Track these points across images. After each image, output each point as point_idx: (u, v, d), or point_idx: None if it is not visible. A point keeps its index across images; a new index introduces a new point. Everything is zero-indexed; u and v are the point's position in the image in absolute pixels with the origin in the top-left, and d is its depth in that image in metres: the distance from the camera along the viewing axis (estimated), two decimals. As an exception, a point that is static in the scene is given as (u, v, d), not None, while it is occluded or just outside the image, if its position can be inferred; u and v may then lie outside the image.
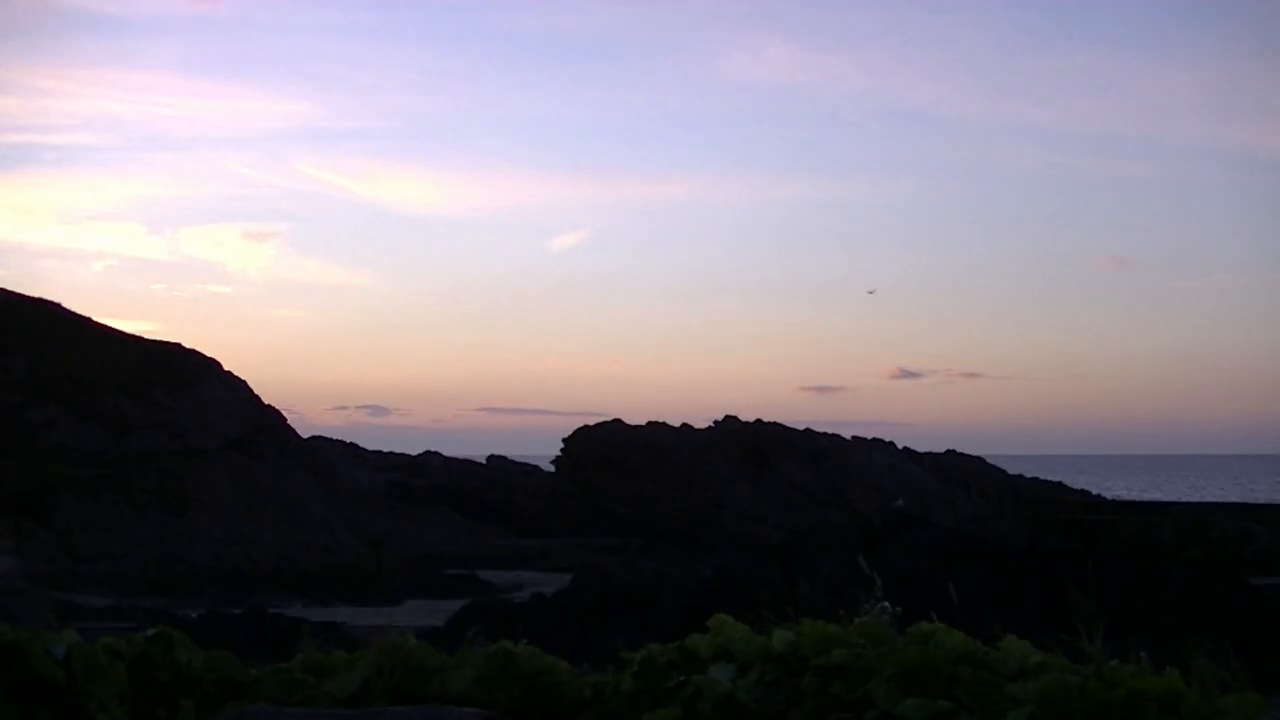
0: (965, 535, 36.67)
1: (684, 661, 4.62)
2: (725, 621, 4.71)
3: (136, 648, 4.65)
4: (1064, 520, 61.23)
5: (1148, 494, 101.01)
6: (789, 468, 69.51)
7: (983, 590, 27.42)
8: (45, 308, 68.39)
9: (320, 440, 78.47)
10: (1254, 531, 53.47)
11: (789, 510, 64.71)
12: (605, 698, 4.64)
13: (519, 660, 4.69)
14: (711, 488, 66.74)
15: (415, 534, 58.73)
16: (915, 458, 76.75)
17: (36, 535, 48.68)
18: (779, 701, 4.30)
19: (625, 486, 67.36)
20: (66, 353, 62.38)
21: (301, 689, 4.65)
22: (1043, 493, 77.80)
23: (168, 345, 67.49)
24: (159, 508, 52.50)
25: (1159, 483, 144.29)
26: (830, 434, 74.84)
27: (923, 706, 4.04)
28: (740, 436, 71.51)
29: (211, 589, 45.04)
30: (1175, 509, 63.02)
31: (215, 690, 4.63)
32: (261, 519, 53.57)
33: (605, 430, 71.04)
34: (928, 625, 4.48)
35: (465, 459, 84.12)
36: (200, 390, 63.02)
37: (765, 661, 4.46)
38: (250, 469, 57.26)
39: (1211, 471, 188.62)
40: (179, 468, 54.89)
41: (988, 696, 4.08)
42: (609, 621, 27.84)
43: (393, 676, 4.61)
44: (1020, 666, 4.26)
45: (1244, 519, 56.76)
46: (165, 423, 60.00)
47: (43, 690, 4.13)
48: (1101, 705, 3.99)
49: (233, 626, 29.17)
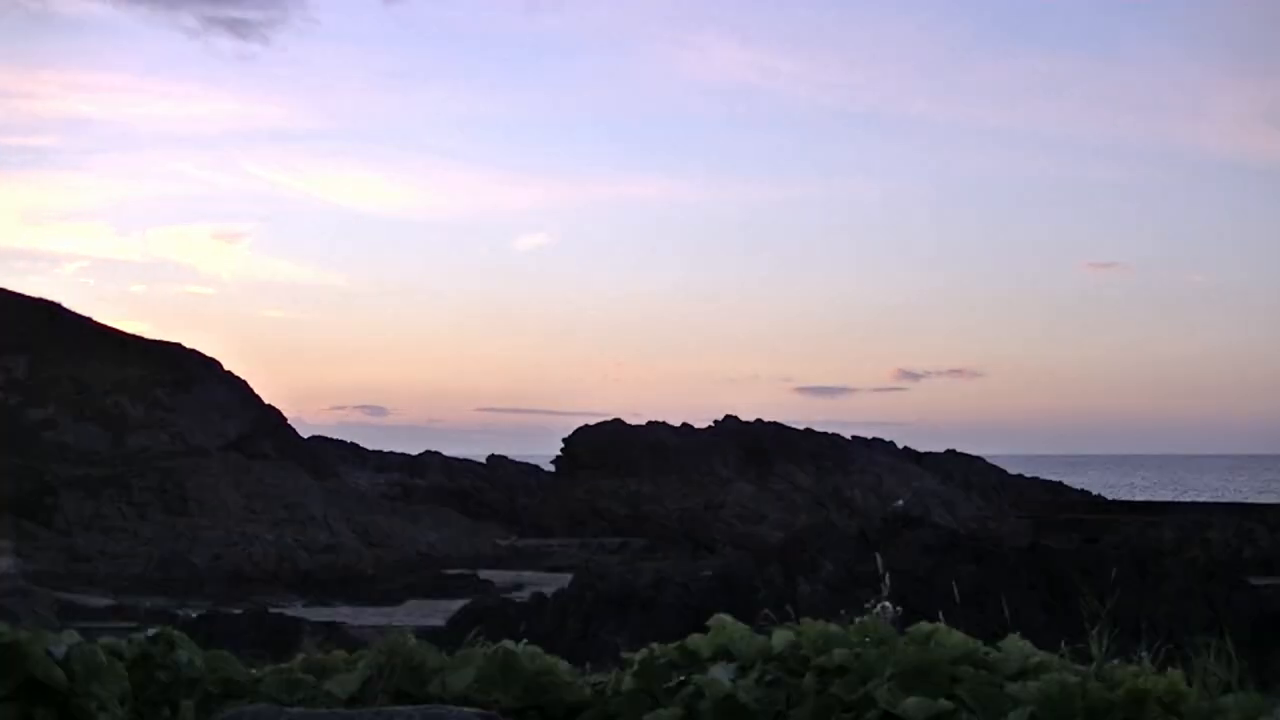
0: (965, 535, 36.66)
1: (684, 661, 4.62)
2: (725, 621, 4.71)
3: (136, 648, 4.65)
4: (1064, 520, 61.23)
5: (1148, 494, 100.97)
6: (789, 468, 69.53)
7: (983, 590, 27.42)
8: (46, 308, 68.43)
9: (320, 440, 78.53)
10: (1254, 531, 53.50)
11: (789, 510, 64.72)
12: (605, 698, 4.64)
13: (519, 660, 4.69)
14: (711, 488, 66.75)
15: (415, 534, 58.74)
16: (915, 458, 76.80)
17: (36, 535, 48.70)
18: (779, 701, 4.29)
19: (625, 486, 67.37)
20: (66, 353, 62.40)
21: (301, 689, 4.65)
22: (1043, 493, 77.88)
23: (168, 345, 67.51)
24: (159, 508, 52.52)
25: (1159, 483, 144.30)
26: (830, 434, 74.90)
27: (923, 706, 4.04)
28: (740, 436, 71.53)
29: (211, 589, 45.02)
30: (1175, 509, 63.05)
31: (215, 690, 4.63)
32: (261, 519, 53.58)
33: (605, 430, 71.06)
34: (928, 625, 4.48)
35: (465, 459, 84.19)
36: (200, 390, 63.06)
37: (765, 661, 4.45)
38: (250, 469, 57.28)
39: (1211, 471, 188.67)
40: (179, 468, 54.91)
41: (988, 696, 4.08)
42: (609, 621, 27.84)
43: (393, 676, 4.61)
44: (1020, 666, 4.26)
45: (1244, 519, 56.77)
46: (165, 423, 60.04)
47: (43, 690, 4.13)
48: (1102, 705, 3.99)
49: (233, 626, 29.14)
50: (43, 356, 61.86)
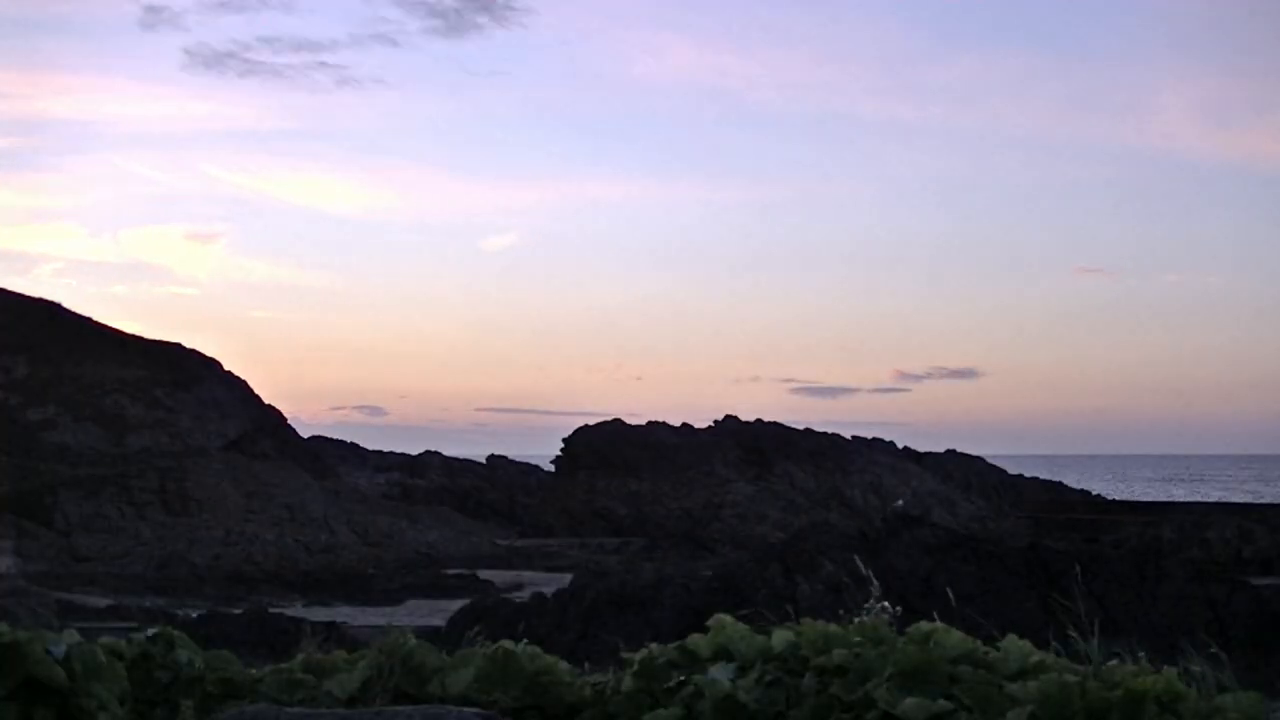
0: (965, 535, 36.65)
1: (684, 661, 4.62)
2: (725, 621, 4.71)
3: (136, 648, 4.66)
4: (1064, 520, 61.21)
5: (1148, 494, 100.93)
6: (789, 468, 69.52)
7: (983, 590, 27.43)
8: (46, 308, 68.43)
9: (320, 440, 78.54)
10: (1254, 531, 53.45)
11: (789, 510, 64.70)
12: (605, 698, 4.64)
13: (519, 660, 4.69)
14: (711, 488, 66.73)
15: (415, 534, 58.72)
16: (915, 458, 76.77)
17: (36, 535, 48.69)
18: (779, 701, 4.30)
19: (625, 486, 67.35)
20: (66, 353, 62.40)
21: (301, 689, 4.65)
22: (1043, 493, 77.87)
23: (168, 345, 67.49)
24: (159, 508, 52.51)
25: (1159, 483, 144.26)
26: (830, 434, 74.86)
27: (923, 706, 4.05)
28: (740, 436, 71.51)
29: (211, 589, 45.00)
30: (1175, 509, 62.99)
31: (215, 690, 4.63)
32: (261, 519, 53.58)
33: (605, 430, 71.03)
34: (927, 625, 4.48)
35: (465, 459, 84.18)
36: (200, 390, 63.05)
37: (765, 661, 4.46)
38: (250, 469, 57.27)
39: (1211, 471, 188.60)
40: (179, 468, 54.91)
41: (987, 696, 4.08)
42: (609, 621, 27.83)
43: (393, 676, 4.61)
44: (1020, 666, 4.26)
45: (1244, 519, 56.72)
46: (165, 423, 60.02)
47: (43, 690, 4.13)
48: (1101, 705, 4.00)
49: (233, 626, 29.14)
50: (43, 356, 61.86)
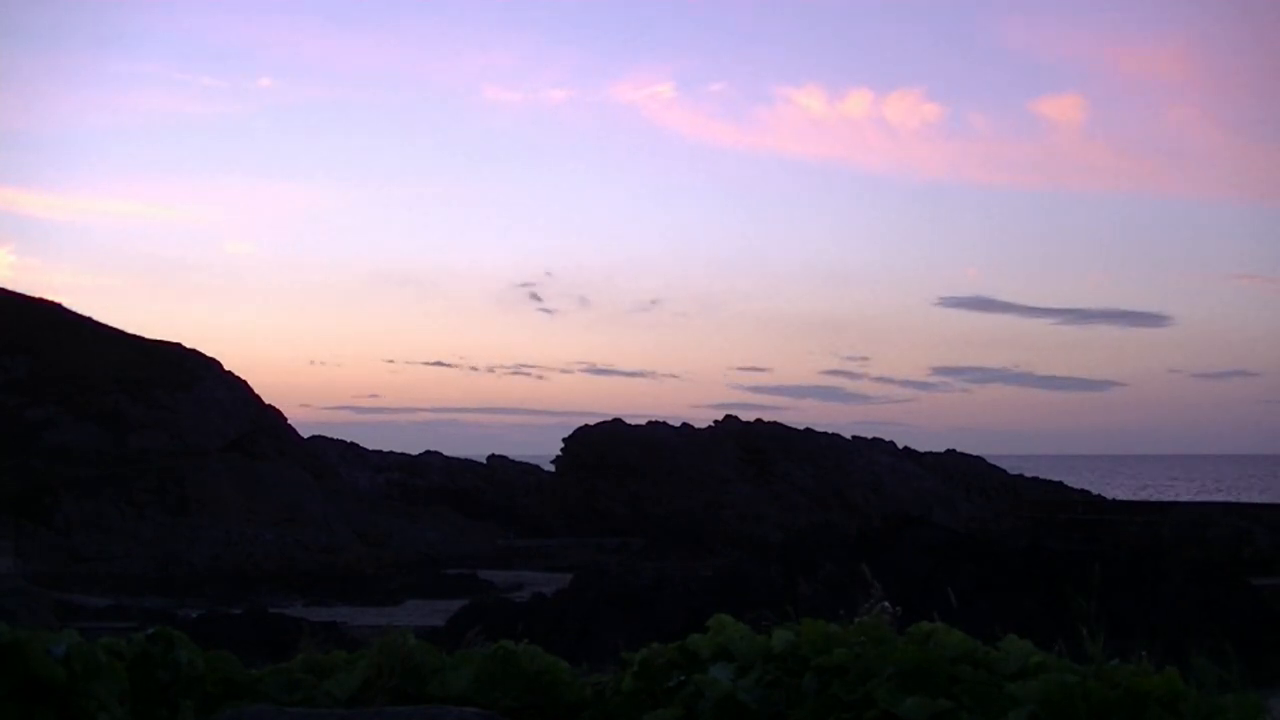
0: (965, 535, 36.65)
1: (684, 661, 4.62)
2: (725, 621, 4.71)
3: (136, 648, 4.65)
4: (1064, 520, 61.22)
5: (1148, 494, 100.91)
6: (789, 468, 69.53)
7: (983, 590, 27.42)
8: (46, 308, 68.44)
9: (320, 440, 78.49)
10: (1254, 531, 53.49)
11: (789, 510, 64.73)
12: (605, 698, 4.64)
13: (519, 660, 4.69)
14: (711, 488, 66.74)
15: (415, 534, 58.74)
16: (915, 458, 76.78)
17: (36, 535, 48.70)
18: (779, 701, 4.29)
19: (625, 486, 67.38)
20: (66, 353, 62.38)
21: (301, 689, 4.65)
22: (1043, 493, 77.85)
23: (167, 345, 67.49)
24: (159, 508, 52.52)
25: (1159, 483, 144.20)
26: (830, 434, 74.88)
27: (923, 706, 4.04)
28: (740, 436, 71.54)
29: (211, 589, 45.03)
30: (1175, 509, 63.02)
31: (215, 690, 4.63)
32: (261, 519, 53.59)
33: (605, 430, 71.06)
34: (927, 625, 4.48)
35: (465, 459, 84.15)
36: (200, 390, 63.02)
37: (765, 661, 4.45)
38: (250, 469, 57.27)
39: (1211, 471, 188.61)
40: (179, 468, 54.90)
41: (988, 696, 4.08)
42: (609, 621, 27.84)
43: (393, 676, 4.61)
44: (1020, 666, 4.26)
45: (1244, 519, 56.76)
46: (165, 423, 59.98)
47: (43, 690, 4.13)
48: (1101, 705, 3.99)
49: (233, 626, 29.16)
50: (43, 356, 61.84)
